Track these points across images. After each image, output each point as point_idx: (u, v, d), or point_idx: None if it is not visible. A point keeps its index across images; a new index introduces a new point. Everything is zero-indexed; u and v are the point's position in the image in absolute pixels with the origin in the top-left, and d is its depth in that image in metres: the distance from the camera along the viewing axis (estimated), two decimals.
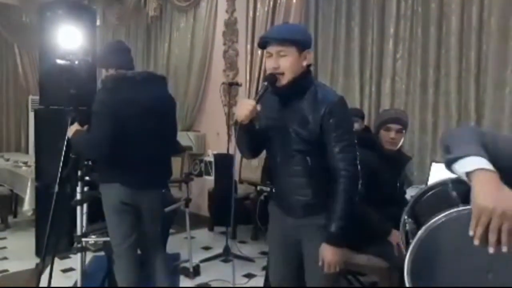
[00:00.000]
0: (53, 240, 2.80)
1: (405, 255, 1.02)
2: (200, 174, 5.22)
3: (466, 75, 3.26)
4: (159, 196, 2.43)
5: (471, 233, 0.89)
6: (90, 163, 2.65)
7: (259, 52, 4.51)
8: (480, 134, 1.04)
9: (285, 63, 1.65)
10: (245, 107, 1.62)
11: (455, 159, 0.97)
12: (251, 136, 1.74)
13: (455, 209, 0.95)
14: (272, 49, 1.66)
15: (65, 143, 2.35)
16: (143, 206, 2.30)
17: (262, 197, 3.77)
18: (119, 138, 2.14)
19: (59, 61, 2.35)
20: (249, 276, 3.36)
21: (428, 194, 1.11)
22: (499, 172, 0.92)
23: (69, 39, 2.68)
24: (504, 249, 0.86)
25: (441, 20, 3.38)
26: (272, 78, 1.66)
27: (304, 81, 1.70)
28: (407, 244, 1.10)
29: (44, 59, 3.65)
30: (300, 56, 1.67)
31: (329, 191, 1.66)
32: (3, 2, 6.60)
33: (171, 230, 3.74)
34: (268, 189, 3.72)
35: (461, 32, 3.26)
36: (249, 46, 4.63)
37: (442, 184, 1.07)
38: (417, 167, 3.45)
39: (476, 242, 0.88)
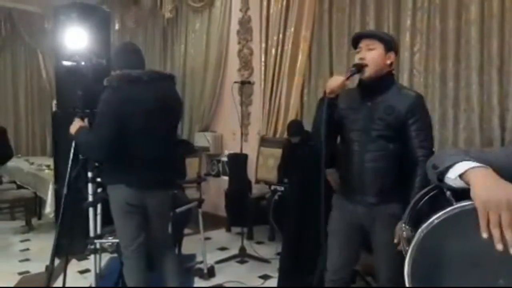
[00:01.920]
0: (67, 241, 2.84)
1: (404, 263, 0.97)
2: (217, 175, 5.21)
3: (488, 66, 3.10)
4: (167, 197, 2.41)
5: (484, 236, 0.83)
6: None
7: (273, 50, 4.46)
8: (465, 150, 1.06)
9: (371, 55, 1.83)
10: (336, 80, 1.81)
11: (446, 170, 0.98)
12: (331, 114, 1.85)
13: (449, 209, 0.91)
14: (363, 43, 1.87)
15: (73, 144, 2.36)
16: (150, 207, 2.29)
17: (276, 197, 3.71)
18: (124, 138, 2.13)
19: (65, 63, 2.37)
20: (265, 277, 3.31)
21: (425, 199, 1.06)
22: None
23: (75, 40, 2.69)
24: None
25: (460, 9, 3.22)
26: (358, 65, 1.84)
27: (386, 78, 1.89)
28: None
29: (59, 62, 3.71)
30: (385, 55, 1.85)
31: (405, 179, 1.79)
32: (26, 10, 6.82)
33: (187, 231, 3.75)
34: (282, 188, 3.65)
35: (482, 21, 3.10)
36: (263, 45, 4.59)
37: (437, 187, 1.02)
38: None
39: (500, 247, 0.81)
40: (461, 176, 0.94)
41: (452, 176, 0.96)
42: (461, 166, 0.95)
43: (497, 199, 0.83)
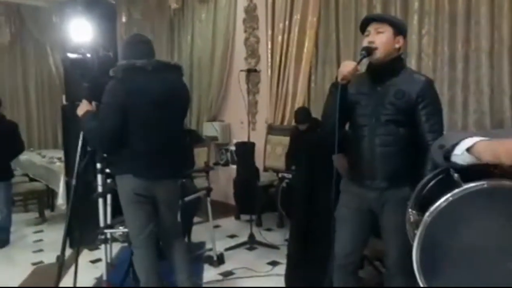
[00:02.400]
0: (78, 232, 2.89)
1: (412, 247, 0.96)
2: (226, 164, 5.23)
3: (498, 47, 3.02)
4: (175, 186, 2.42)
5: None
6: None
7: (280, 38, 4.43)
8: (470, 133, 1.06)
9: (380, 39, 1.82)
10: (348, 66, 1.79)
11: (452, 148, 0.97)
12: (343, 100, 1.84)
13: (456, 190, 0.90)
14: (371, 26, 1.86)
15: (81, 136, 2.38)
16: (158, 197, 2.30)
17: (284, 184, 3.71)
18: (130, 128, 2.14)
19: (70, 55, 2.37)
20: (274, 263, 3.33)
21: (431, 183, 1.05)
22: None
23: (81, 32, 2.70)
24: None
25: None
26: (368, 49, 1.82)
27: (396, 62, 1.88)
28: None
29: (65, 55, 3.73)
30: (394, 38, 1.84)
31: (415, 164, 1.77)
32: (33, 5, 6.86)
33: (197, 219, 3.78)
34: (290, 175, 3.65)
35: (492, 1, 3.03)
36: (269, 32, 4.56)
37: (444, 171, 1.01)
38: None
39: None
40: (469, 150, 0.93)
41: (458, 152, 0.96)
42: (468, 142, 0.94)
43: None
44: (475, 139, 0.94)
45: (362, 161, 1.91)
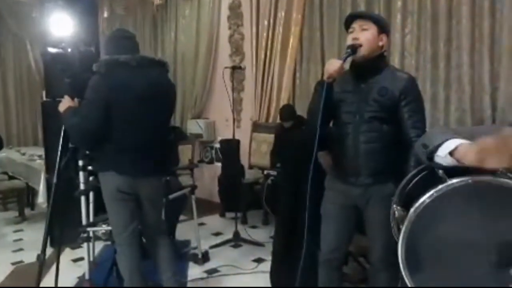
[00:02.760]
0: (59, 230, 2.83)
1: (398, 244, 0.97)
2: (211, 161, 5.20)
3: (479, 46, 3.09)
4: (158, 183, 2.39)
5: None
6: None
7: (264, 35, 4.42)
8: (453, 129, 1.11)
9: (365, 36, 1.83)
10: (334, 64, 1.81)
11: (435, 148, 0.99)
12: (329, 98, 1.85)
13: (440, 186, 0.91)
14: (356, 23, 1.87)
15: (62, 133, 2.32)
16: (142, 194, 2.27)
17: (269, 181, 3.71)
18: (113, 124, 2.10)
19: (50, 50, 2.32)
20: (259, 261, 3.33)
21: (415, 179, 1.06)
22: None
23: (62, 27, 2.63)
24: None
25: None
26: (353, 47, 1.83)
27: (379, 60, 1.90)
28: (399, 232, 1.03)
29: (45, 49, 3.65)
30: (378, 36, 1.86)
31: (399, 160, 1.81)
32: None
33: (182, 217, 3.75)
34: (275, 173, 3.65)
35: (473, 1, 3.08)
36: (254, 29, 4.54)
37: (428, 167, 1.02)
38: None
39: None
40: (451, 153, 0.94)
41: (442, 154, 0.97)
42: (451, 144, 0.95)
43: (494, 145, 0.85)
44: (457, 142, 0.95)
45: (346, 158, 1.92)
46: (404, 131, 1.84)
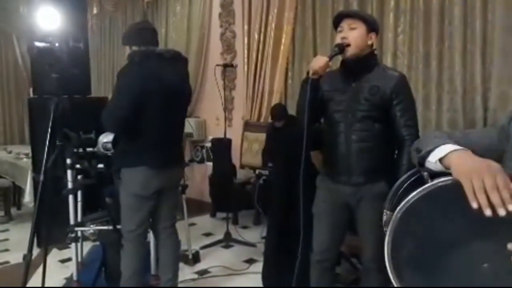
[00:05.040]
0: (46, 230, 2.76)
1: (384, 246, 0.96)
2: (201, 161, 5.15)
3: (471, 46, 3.08)
4: (180, 172, 2.51)
5: (474, 205, 0.81)
6: (81, 150, 2.58)
7: (256, 33, 4.38)
8: (449, 133, 1.07)
9: (353, 35, 1.83)
10: (319, 61, 1.80)
11: (427, 154, 0.98)
12: (315, 95, 1.85)
13: (423, 187, 0.90)
14: (344, 22, 1.86)
15: (49, 130, 2.26)
16: (166, 185, 2.28)
17: (261, 181, 3.68)
18: (144, 117, 2.12)
19: (37, 44, 2.26)
20: (250, 261, 3.30)
21: (407, 183, 1.06)
22: None
23: (50, 21, 2.57)
24: (504, 211, 0.79)
25: None
26: (340, 46, 1.83)
27: (369, 58, 1.89)
28: None
29: (32, 43, 3.57)
30: (367, 35, 1.85)
31: (392, 159, 1.85)
32: None
33: None
34: (267, 172, 3.63)
35: (465, 1, 3.08)
36: (246, 27, 4.50)
37: (418, 171, 1.02)
38: None
39: (488, 212, 0.79)
40: (441, 160, 0.94)
41: (432, 160, 0.97)
42: (442, 150, 0.95)
43: (477, 166, 0.85)
44: (448, 149, 0.94)
45: (338, 157, 1.91)
46: (396, 130, 1.85)
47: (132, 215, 2.25)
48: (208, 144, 4.98)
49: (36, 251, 3.31)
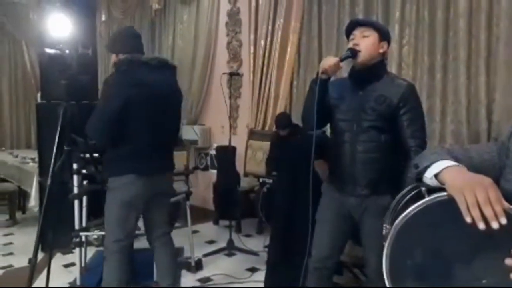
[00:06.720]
0: (51, 234, 2.79)
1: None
2: (206, 168, 5.17)
3: (476, 58, 3.09)
4: (171, 178, 2.45)
5: (468, 220, 0.83)
6: (87, 155, 2.61)
7: (262, 42, 4.42)
8: (449, 149, 1.09)
9: (365, 42, 1.82)
10: (329, 60, 1.80)
11: (424, 170, 0.99)
12: (322, 97, 1.84)
13: (420, 202, 0.92)
14: (357, 30, 1.86)
15: (57, 134, 2.30)
16: (156, 191, 2.25)
17: (265, 189, 3.69)
18: (130, 125, 2.10)
19: (48, 50, 2.30)
20: (253, 270, 3.29)
21: (406, 198, 1.08)
22: None
23: (60, 28, 2.62)
24: (497, 224, 0.81)
25: (449, 1, 3.21)
26: (353, 50, 1.82)
27: (379, 67, 1.87)
28: None
29: (42, 50, 3.62)
30: (379, 43, 1.85)
31: (398, 171, 1.77)
32: (10, 0, 6.66)
33: (176, 224, 3.70)
34: (271, 181, 3.63)
35: (470, 14, 3.09)
36: (252, 36, 4.55)
37: (417, 187, 1.04)
38: None
39: (482, 226, 0.81)
40: (436, 176, 0.96)
41: (428, 176, 0.98)
42: (438, 166, 0.97)
43: (470, 181, 0.87)
44: (443, 165, 0.96)
45: (343, 167, 1.89)
46: (403, 140, 1.80)
47: (118, 225, 2.18)
48: (213, 152, 5.01)
49: (40, 255, 3.34)
